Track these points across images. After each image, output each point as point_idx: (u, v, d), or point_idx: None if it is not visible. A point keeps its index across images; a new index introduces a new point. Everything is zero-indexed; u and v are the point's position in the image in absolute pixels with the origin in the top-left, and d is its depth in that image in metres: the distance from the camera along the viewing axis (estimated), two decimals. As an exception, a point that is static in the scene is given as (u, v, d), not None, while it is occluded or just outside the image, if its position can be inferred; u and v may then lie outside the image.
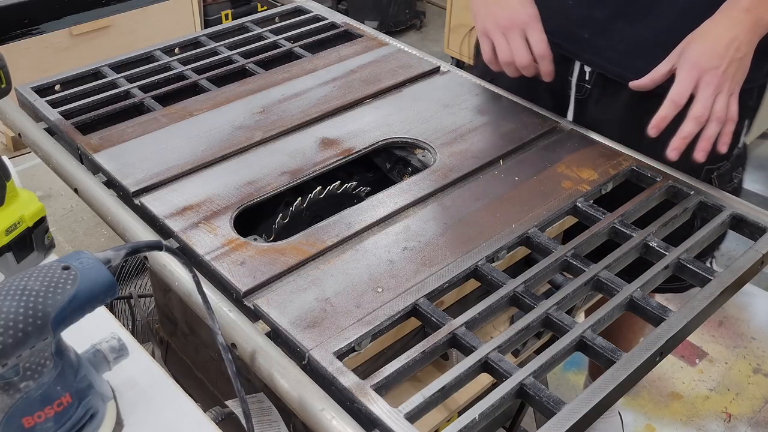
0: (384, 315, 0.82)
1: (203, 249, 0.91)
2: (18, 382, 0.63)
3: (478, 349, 0.78)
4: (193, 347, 1.13)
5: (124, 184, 1.01)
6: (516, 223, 0.96)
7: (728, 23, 0.99)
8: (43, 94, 1.22)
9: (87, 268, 0.64)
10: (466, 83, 1.27)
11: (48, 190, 1.65)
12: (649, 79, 1.03)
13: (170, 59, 1.32)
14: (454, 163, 1.07)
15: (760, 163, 2.91)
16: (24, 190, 0.93)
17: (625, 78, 1.11)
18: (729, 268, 0.91)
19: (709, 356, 2.11)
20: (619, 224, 0.96)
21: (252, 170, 1.05)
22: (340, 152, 1.09)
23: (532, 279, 0.88)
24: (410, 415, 0.72)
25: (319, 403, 0.72)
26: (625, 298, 0.85)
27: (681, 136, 0.98)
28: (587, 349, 0.81)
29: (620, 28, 1.14)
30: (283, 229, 1.00)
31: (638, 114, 1.04)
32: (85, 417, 0.69)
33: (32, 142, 1.12)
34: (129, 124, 1.15)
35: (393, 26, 4.02)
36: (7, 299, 0.60)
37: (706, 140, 0.98)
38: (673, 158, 0.99)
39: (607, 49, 1.16)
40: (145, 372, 0.80)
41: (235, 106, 1.20)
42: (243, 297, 0.85)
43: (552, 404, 0.74)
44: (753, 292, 2.30)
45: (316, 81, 1.27)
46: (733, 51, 0.98)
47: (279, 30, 1.44)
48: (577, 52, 1.20)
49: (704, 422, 1.93)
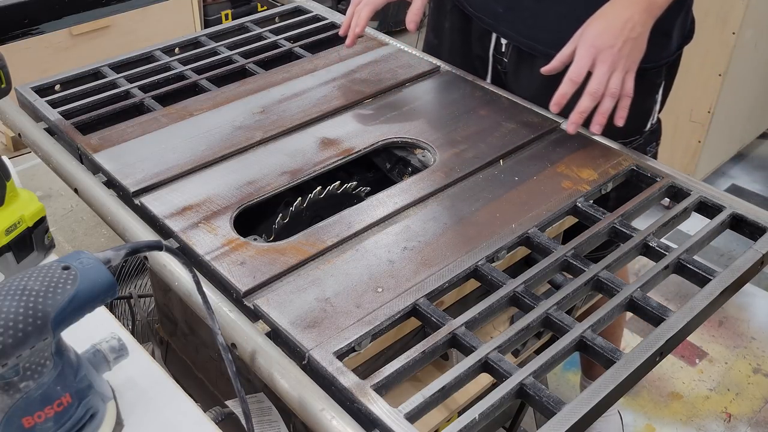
0: (384, 315, 0.82)
1: (203, 249, 0.91)
2: (18, 382, 0.63)
3: (478, 349, 0.78)
4: (193, 347, 1.13)
5: (124, 184, 1.01)
6: (516, 223, 0.96)
7: (624, 4, 1.06)
8: (43, 94, 1.22)
9: (87, 268, 0.64)
10: (466, 83, 1.27)
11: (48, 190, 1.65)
12: (557, 61, 1.09)
13: (170, 59, 1.32)
14: (454, 163, 1.07)
15: (760, 163, 2.91)
16: (24, 190, 0.93)
17: (535, 49, 1.23)
18: (729, 268, 0.91)
19: (709, 356, 2.11)
20: (619, 224, 0.96)
21: (252, 170, 1.05)
22: (340, 152, 1.09)
23: (532, 279, 0.88)
24: (410, 415, 0.72)
25: (319, 403, 0.72)
26: (625, 298, 0.85)
27: (578, 110, 1.05)
28: (587, 349, 0.81)
29: (528, 4, 1.23)
30: (283, 229, 1.00)
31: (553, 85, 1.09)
32: (85, 417, 0.69)
33: (32, 142, 1.12)
34: (129, 124, 1.15)
35: (393, 26, 4.01)
36: (7, 299, 0.60)
37: (601, 114, 1.05)
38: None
39: (517, 22, 1.25)
40: (145, 372, 0.80)
41: (235, 106, 1.20)
42: (243, 297, 0.85)
43: (552, 404, 0.74)
44: (753, 292, 2.30)
45: (316, 81, 1.27)
46: (628, 31, 1.05)
47: (279, 30, 1.45)
48: (494, 25, 1.29)
49: (704, 422, 1.93)
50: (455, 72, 1.31)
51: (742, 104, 2.64)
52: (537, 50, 1.23)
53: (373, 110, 1.19)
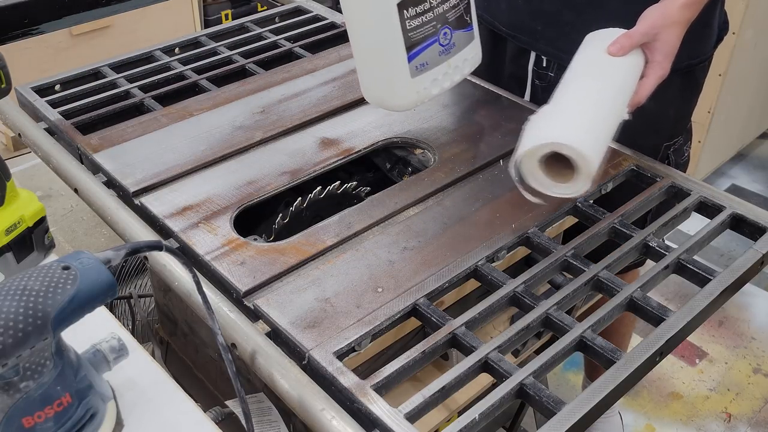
0: (384, 315, 0.82)
1: (203, 249, 0.91)
2: (18, 382, 0.63)
3: (478, 349, 0.78)
4: (193, 347, 1.13)
5: (124, 184, 1.01)
6: (516, 223, 0.96)
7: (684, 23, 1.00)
8: (43, 94, 1.22)
9: (87, 268, 0.64)
10: (466, 83, 1.27)
11: (48, 190, 1.65)
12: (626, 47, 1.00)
13: (170, 59, 1.32)
14: (454, 163, 1.07)
15: (760, 163, 2.91)
16: (24, 190, 0.93)
17: None
18: (729, 268, 0.91)
19: (709, 356, 2.11)
20: (619, 224, 0.96)
21: (252, 170, 1.05)
22: (340, 152, 1.09)
23: (532, 279, 0.88)
24: (410, 415, 0.72)
25: (319, 403, 0.72)
26: (625, 298, 0.85)
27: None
28: (587, 349, 0.81)
29: (569, 19, 1.19)
30: (283, 229, 1.00)
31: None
32: (85, 417, 0.69)
33: (32, 142, 1.12)
34: (129, 124, 1.15)
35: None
36: (7, 299, 0.60)
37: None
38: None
39: (558, 39, 1.21)
40: (145, 372, 0.80)
41: (235, 106, 1.20)
42: (243, 297, 0.85)
43: (552, 404, 0.74)
44: (753, 292, 2.30)
45: (316, 81, 1.27)
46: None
47: (279, 30, 1.45)
48: (531, 43, 1.25)
49: (704, 422, 1.93)
50: (455, 72, 1.30)
51: (742, 104, 2.64)
52: None
53: (373, 110, 1.19)
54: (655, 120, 1.17)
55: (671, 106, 1.22)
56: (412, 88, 0.98)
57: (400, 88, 0.98)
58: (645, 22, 0.99)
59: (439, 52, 0.99)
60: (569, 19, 1.19)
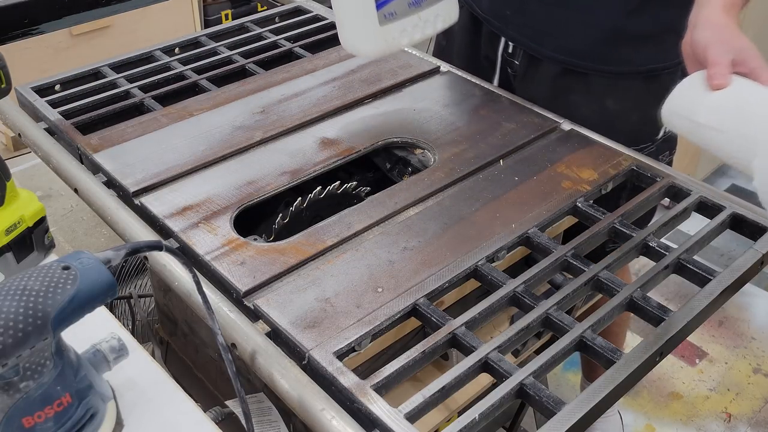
0: (384, 315, 0.82)
1: (203, 249, 0.91)
2: (18, 382, 0.63)
3: (478, 349, 0.78)
4: (193, 347, 1.13)
5: (124, 184, 1.01)
6: (516, 223, 0.96)
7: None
8: (43, 94, 1.22)
9: (87, 268, 0.64)
10: (466, 83, 1.27)
11: (48, 190, 1.65)
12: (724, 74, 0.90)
13: (170, 59, 1.32)
14: (454, 163, 1.07)
15: (760, 163, 2.90)
16: (24, 190, 0.93)
17: (540, 53, 1.23)
18: (729, 268, 0.91)
19: (709, 356, 2.11)
20: (619, 224, 0.96)
21: (252, 170, 1.05)
22: (340, 152, 1.09)
23: (532, 279, 0.88)
24: (410, 415, 0.72)
25: (319, 403, 0.72)
26: (625, 298, 0.85)
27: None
28: (587, 349, 0.81)
29: (534, 7, 1.22)
30: (283, 229, 1.00)
31: (561, 90, 1.08)
32: (85, 417, 0.69)
33: (32, 142, 1.12)
34: (129, 124, 1.15)
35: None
36: (7, 299, 0.60)
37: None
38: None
39: (524, 25, 1.25)
40: (145, 372, 0.80)
41: (235, 106, 1.20)
42: (243, 297, 0.85)
43: (552, 404, 0.74)
44: (753, 292, 2.30)
45: (316, 81, 1.27)
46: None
47: (279, 30, 1.44)
48: (502, 28, 1.29)
49: (704, 422, 1.93)
50: (455, 72, 1.30)
51: (742, 104, 2.64)
52: (543, 54, 1.23)
53: (373, 110, 1.19)
54: (614, 119, 1.19)
55: (634, 110, 1.22)
56: (381, 36, 1.07)
57: (370, 34, 1.07)
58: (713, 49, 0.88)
59: (409, 3, 1.08)
60: (534, 8, 1.22)
